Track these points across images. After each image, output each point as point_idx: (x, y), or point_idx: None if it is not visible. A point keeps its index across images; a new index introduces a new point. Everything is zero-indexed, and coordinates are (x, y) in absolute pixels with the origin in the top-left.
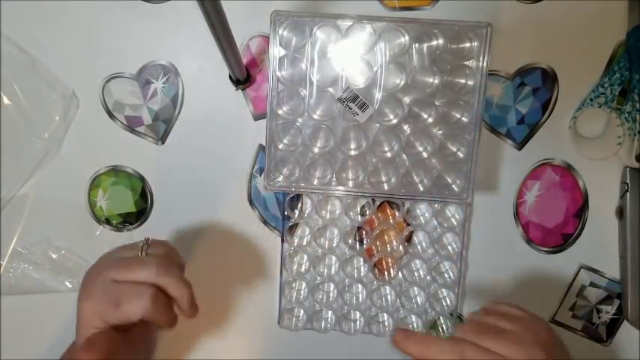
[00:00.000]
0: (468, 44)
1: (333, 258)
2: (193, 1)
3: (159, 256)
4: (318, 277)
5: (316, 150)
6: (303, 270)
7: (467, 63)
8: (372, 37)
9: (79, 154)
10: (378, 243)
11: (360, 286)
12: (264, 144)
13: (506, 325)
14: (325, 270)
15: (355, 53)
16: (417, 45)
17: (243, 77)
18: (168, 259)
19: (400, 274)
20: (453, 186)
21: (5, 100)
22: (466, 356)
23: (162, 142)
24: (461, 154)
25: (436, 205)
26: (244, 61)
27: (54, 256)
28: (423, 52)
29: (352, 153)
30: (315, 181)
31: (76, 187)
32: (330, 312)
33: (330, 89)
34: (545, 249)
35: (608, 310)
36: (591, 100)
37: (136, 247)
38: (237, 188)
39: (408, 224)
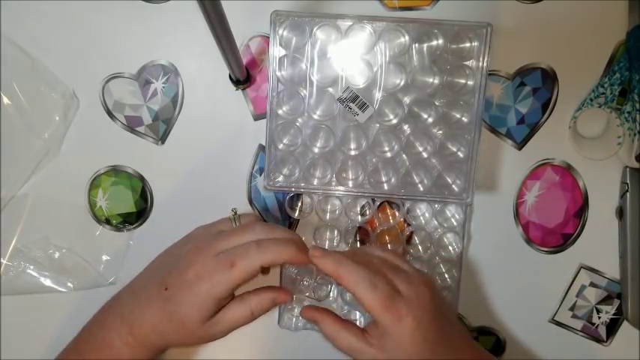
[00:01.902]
0: (468, 44)
1: None
2: (193, 1)
3: (253, 223)
4: (318, 277)
5: (316, 150)
6: (303, 270)
7: (467, 63)
8: (372, 37)
9: (79, 154)
10: (378, 243)
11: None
12: (264, 144)
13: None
14: None
15: (355, 53)
16: (417, 45)
17: (243, 77)
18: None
19: None
20: (453, 186)
21: (5, 100)
22: (375, 282)
23: (162, 142)
24: (461, 154)
25: (436, 205)
26: (244, 61)
27: (54, 255)
28: (423, 52)
29: (352, 153)
30: (315, 181)
31: (76, 187)
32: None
33: (330, 89)
34: (545, 249)
35: (608, 310)
36: (591, 100)
37: (227, 220)
38: (237, 188)
39: (408, 224)
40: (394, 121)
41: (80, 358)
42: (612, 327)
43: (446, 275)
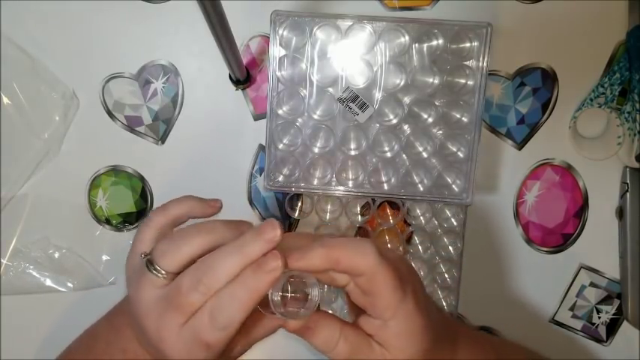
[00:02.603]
0: (468, 44)
1: None
2: (193, 1)
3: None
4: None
5: (316, 150)
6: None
7: (467, 63)
8: (372, 37)
9: (79, 154)
10: (378, 243)
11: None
12: (264, 144)
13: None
14: None
15: (355, 53)
16: (417, 45)
17: (243, 77)
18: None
19: None
20: (453, 186)
21: (5, 100)
22: (384, 253)
23: (162, 142)
24: (461, 154)
25: (436, 205)
26: (244, 61)
27: (54, 255)
28: (423, 52)
29: (352, 153)
30: (315, 181)
31: (76, 187)
32: (330, 312)
33: (330, 89)
34: (545, 249)
35: (608, 310)
36: (591, 100)
37: None
38: (237, 188)
39: (408, 224)
40: (394, 121)
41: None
42: (612, 327)
43: (446, 275)
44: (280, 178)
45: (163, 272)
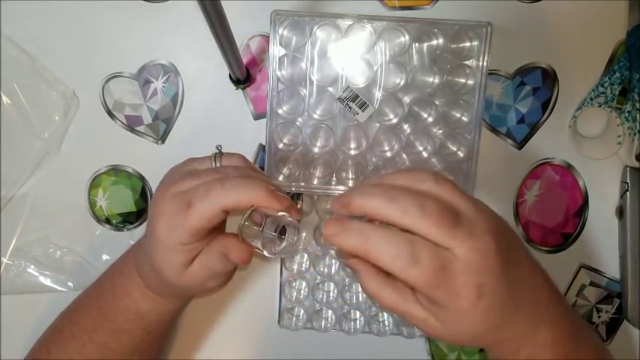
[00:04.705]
0: (468, 44)
1: None
2: (193, 0)
3: (235, 166)
4: (318, 277)
5: (316, 149)
6: (303, 269)
7: (467, 62)
8: (372, 37)
9: (79, 153)
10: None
11: (360, 285)
12: (264, 143)
13: (461, 205)
14: (325, 269)
15: (355, 53)
16: (417, 44)
17: (243, 77)
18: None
19: None
20: None
21: (5, 100)
22: (417, 254)
23: (163, 142)
24: (461, 154)
25: None
26: (244, 60)
27: (55, 255)
28: (423, 52)
29: (352, 152)
30: (315, 181)
31: (76, 186)
32: (330, 311)
33: (330, 89)
34: (545, 248)
35: (608, 310)
36: (591, 99)
37: (208, 159)
38: None
39: None
40: (394, 121)
41: (99, 305)
42: (612, 326)
43: None
44: (280, 178)
45: None
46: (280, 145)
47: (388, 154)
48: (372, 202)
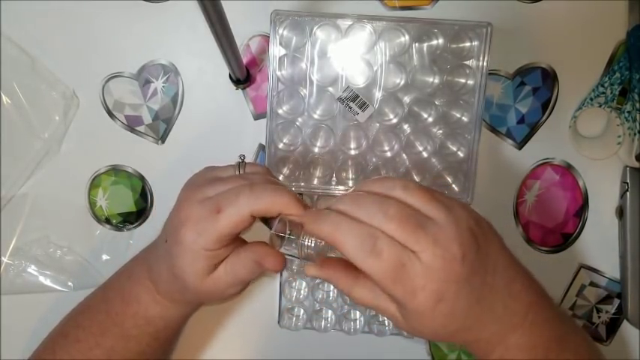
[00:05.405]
0: (468, 44)
1: None
2: (193, 0)
3: (258, 173)
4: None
5: (316, 150)
6: (303, 269)
7: (467, 62)
8: (372, 37)
9: (79, 153)
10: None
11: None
12: (264, 144)
13: (431, 212)
14: None
15: (355, 53)
16: (417, 44)
17: (243, 77)
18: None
19: None
20: (453, 185)
21: (5, 100)
22: (379, 247)
23: (163, 142)
24: (461, 154)
25: None
26: (244, 60)
27: (55, 255)
28: (423, 52)
29: (352, 152)
30: (315, 181)
31: (76, 186)
32: (330, 311)
33: (330, 89)
34: (545, 249)
35: (608, 310)
36: (591, 99)
37: (231, 167)
38: None
39: None
40: (394, 121)
41: (107, 309)
42: (612, 326)
43: None
44: (280, 178)
45: None
46: (280, 145)
47: (388, 154)
48: (342, 207)
